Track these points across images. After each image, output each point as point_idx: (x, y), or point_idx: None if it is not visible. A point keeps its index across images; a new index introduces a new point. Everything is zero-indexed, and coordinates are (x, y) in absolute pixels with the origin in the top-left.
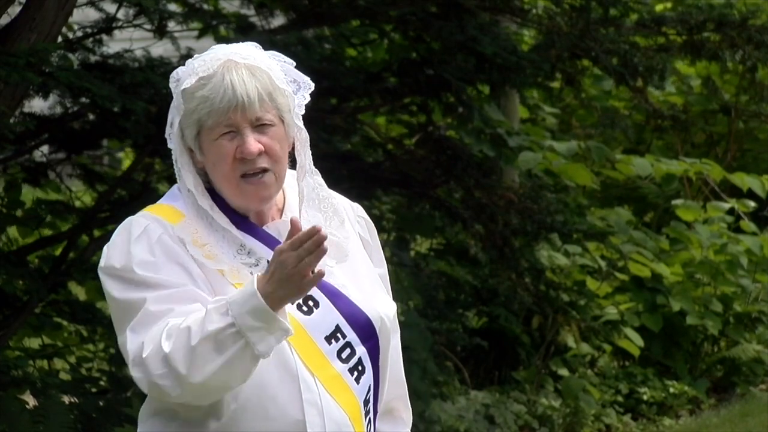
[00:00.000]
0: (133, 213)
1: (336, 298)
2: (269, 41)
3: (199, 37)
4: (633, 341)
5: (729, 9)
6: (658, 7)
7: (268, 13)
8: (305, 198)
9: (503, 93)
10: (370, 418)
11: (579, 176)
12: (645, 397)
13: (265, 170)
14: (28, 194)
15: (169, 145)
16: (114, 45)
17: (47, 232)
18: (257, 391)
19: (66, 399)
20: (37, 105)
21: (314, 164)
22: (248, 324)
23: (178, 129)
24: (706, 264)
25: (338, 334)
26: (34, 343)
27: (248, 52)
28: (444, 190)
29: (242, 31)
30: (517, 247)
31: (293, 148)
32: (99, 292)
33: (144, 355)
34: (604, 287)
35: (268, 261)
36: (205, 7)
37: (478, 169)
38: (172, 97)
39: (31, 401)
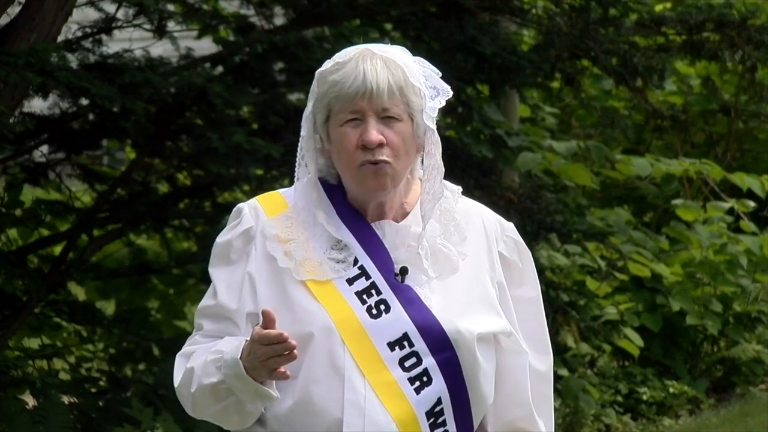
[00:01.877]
0: (133, 213)
1: (412, 305)
2: (269, 41)
3: (198, 37)
4: (633, 341)
5: (728, 9)
6: (658, 7)
7: (268, 13)
8: (427, 201)
9: (503, 93)
10: (446, 431)
11: (578, 176)
12: (645, 397)
13: (385, 162)
14: (28, 194)
15: (301, 132)
16: (114, 45)
17: (46, 232)
18: (302, 387)
19: (66, 399)
20: (37, 105)
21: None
22: (236, 385)
23: (311, 114)
24: (706, 264)
25: (404, 342)
26: (33, 343)
27: (390, 48)
28: None
29: (242, 31)
30: None
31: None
32: (98, 291)
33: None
34: (604, 287)
35: (356, 259)
36: (205, 7)
37: (478, 169)
38: (171, 97)
39: (30, 401)
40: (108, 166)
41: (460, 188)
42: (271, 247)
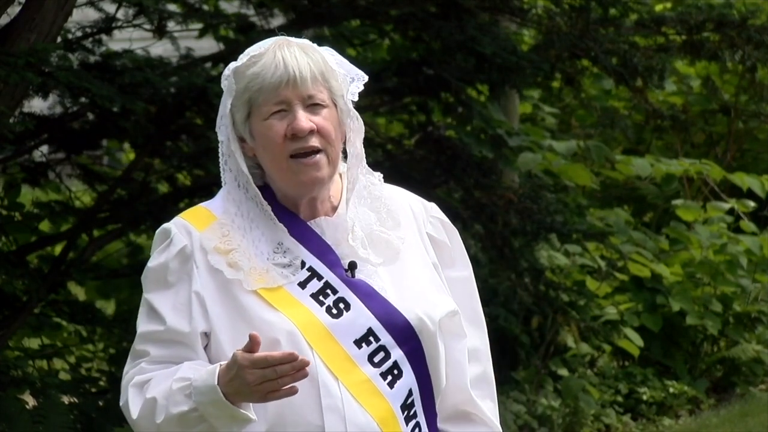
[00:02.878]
0: (133, 213)
1: (371, 299)
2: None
3: (199, 37)
4: (633, 341)
5: (729, 9)
6: (658, 7)
7: (268, 13)
8: (356, 193)
9: (503, 93)
10: (417, 423)
11: (578, 176)
12: (645, 397)
13: (317, 150)
14: (27, 194)
15: (219, 138)
16: (114, 45)
17: (46, 228)
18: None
19: (66, 399)
20: (37, 105)
21: None
22: (210, 412)
23: (228, 115)
24: (706, 264)
25: (370, 338)
26: (33, 343)
27: (302, 39)
28: (443, 190)
29: (242, 31)
30: (516, 247)
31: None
32: (98, 291)
33: (121, 403)
34: (604, 287)
35: (303, 262)
36: (205, 7)
37: (478, 169)
38: (171, 97)
39: (30, 401)
40: (108, 166)
41: (381, 174)
42: (214, 260)
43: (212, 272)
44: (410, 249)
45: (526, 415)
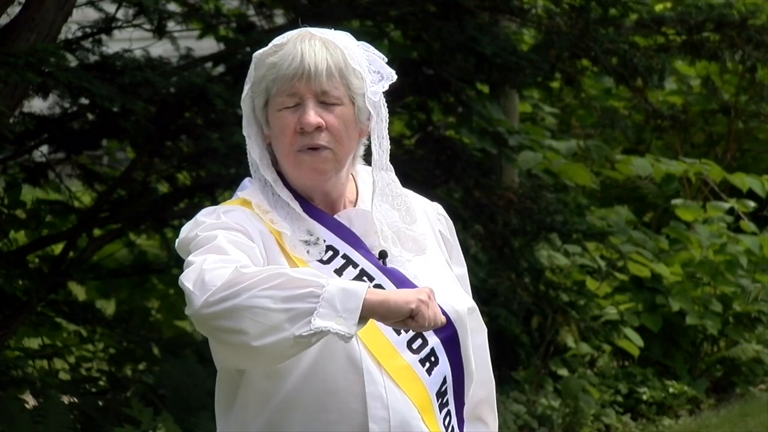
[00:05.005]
0: (133, 213)
1: (405, 286)
2: (269, 41)
3: (200, 37)
4: (632, 341)
5: (729, 9)
6: (658, 7)
7: (268, 12)
8: (379, 191)
9: (503, 93)
10: (449, 411)
11: (579, 176)
12: (644, 397)
13: (323, 148)
14: (28, 195)
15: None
16: (114, 45)
17: (46, 231)
18: (316, 384)
19: (66, 399)
20: (37, 105)
21: None
22: (331, 297)
23: (249, 99)
24: (706, 264)
25: None
26: (33, 343)
27: (332, 31)
28: (443, 190)
29: (242, 30)
30: (516, 247)
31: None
32: (98, 291)
33: (204, 266)
34: (604, 287)
35: (326, 242)
36: (205, 7)
37: (478, 168)
38: (171, 97)
39: (30, 401)
40: (108, 166)
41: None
42: (259, 212)
43: (258, 226)
44: (431, 245)
45: (526, 415)
